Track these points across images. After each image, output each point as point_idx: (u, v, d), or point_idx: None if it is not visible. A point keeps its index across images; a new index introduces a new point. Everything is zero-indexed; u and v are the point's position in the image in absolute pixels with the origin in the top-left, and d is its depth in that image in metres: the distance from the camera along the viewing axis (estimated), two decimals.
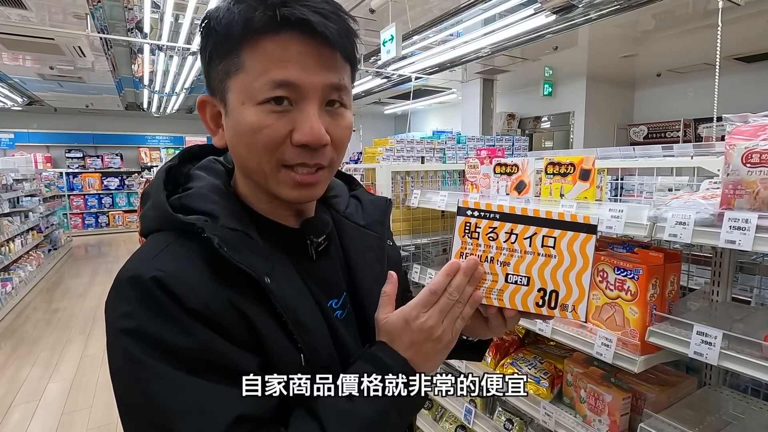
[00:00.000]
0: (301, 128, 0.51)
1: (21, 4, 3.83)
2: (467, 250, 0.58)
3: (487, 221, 0.57)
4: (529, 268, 0.56)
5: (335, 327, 0.59)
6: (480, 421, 1.63)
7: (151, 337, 0.46)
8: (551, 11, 3.48)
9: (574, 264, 0.55)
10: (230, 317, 0.49)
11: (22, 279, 5.37)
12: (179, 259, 0.50)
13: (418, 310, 0.54)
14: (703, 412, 1.11)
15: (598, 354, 1.11)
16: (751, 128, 0.84)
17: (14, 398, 3.07)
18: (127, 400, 0.48)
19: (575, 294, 0.55)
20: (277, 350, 0.52)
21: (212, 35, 0.52)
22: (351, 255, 0.66)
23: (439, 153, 2.14)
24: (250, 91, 0.50)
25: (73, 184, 10.08)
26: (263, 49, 0.50)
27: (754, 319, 1.05)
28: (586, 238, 0.54)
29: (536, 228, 0.56)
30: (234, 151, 0.56)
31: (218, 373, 0.48)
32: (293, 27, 0.49)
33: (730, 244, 0.82)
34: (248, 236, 0.54)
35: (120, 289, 0.49)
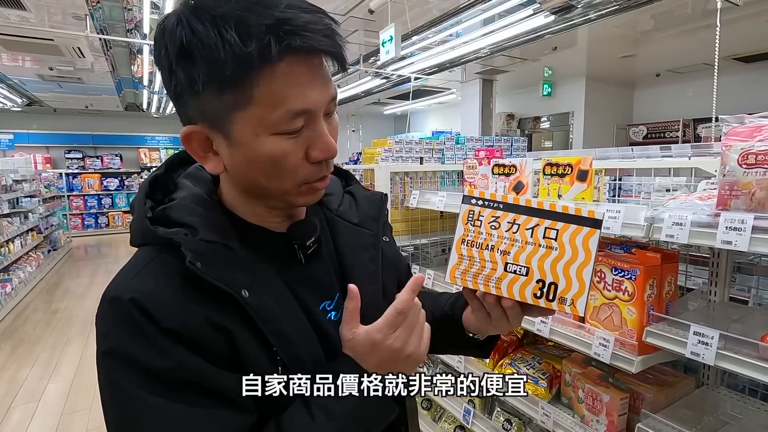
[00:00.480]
0: (317, 146, 0.52)
1: (20, 4, 3.83)
2: (469, 237, 0.58)
3: (491, 210, 0.58)
4: (529, 259, 0.55)
5: (325, 331, 0.59)
6: (479, 422, 1.64)
7: (128, 359, 0.47)
8: (550, 12, 3.48)
9: (575, 257, 0.54)
10: (208, 334, 0.49)
11: (22, 280, 5.38)
12: (157, 277, 0.50)
13: (384, 332, 0.54)
14: (701, 412, 1.12)
15: (595, 354, 1.11)
16: (747, 129, 0.84)
17: (14, 399, 3.07)
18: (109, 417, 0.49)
19: (575, 288, 0.54)
20: (255, 364, 0.52)
21: (200, 64, 0.47)
22: (344, 255, 0.66)
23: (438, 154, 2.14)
24: (266, 124, 0.49)
25: (72, 184, 10.08)
26: (276, 81, 0.48)
27: (751, 319, 1.05)
28: (590, 232, 0.54)
29: (539, 219, 0.55)
30: (244, 177, 0.55)
31: (195, 393, 0.48)
32: (297, 51, 0.47)
33: (726, 244, 0.83)
34: (228, 248, 0.53)
35: (103, 309, 0.50)
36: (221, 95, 0.48)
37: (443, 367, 1.91)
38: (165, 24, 0.49)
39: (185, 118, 0.53)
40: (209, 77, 0.47)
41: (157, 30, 0.51)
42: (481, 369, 1.58)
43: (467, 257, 0.59)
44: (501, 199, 0.58)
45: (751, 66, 5.73)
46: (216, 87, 0.48)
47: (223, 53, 0.45)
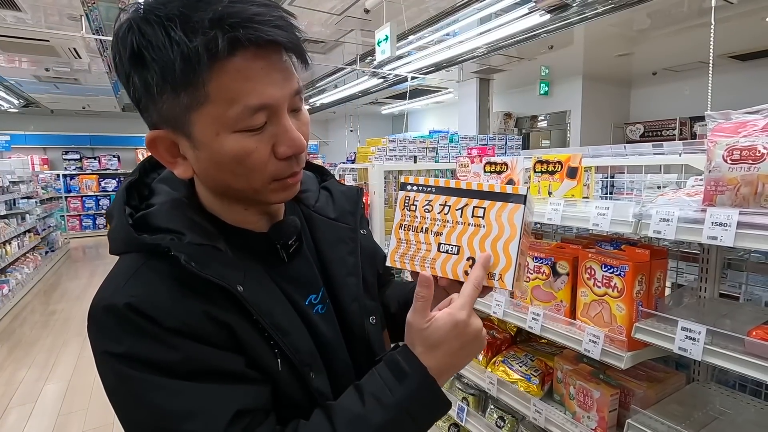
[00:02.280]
0: (284, 142, 0.52)
1: (15, 5, 3.82)
2: (406, 222, 0.61)
3: (424, 194, 0.60)
4: (460, 238, 0.57)
5: (314, 324, 0.60)
6: (472, 419, 1.64)
7: (140, 358, 0.47)
8: (546, 10, 3.49)
9: (501, 233, 0.56)
10: (210, 328, 0.50)
11: (19, 281, 5.37)
12: (149, 282, 0.50)
13: (467, 310, 0.53)
14: (691, 408, 1.12)
15: (586, 351, 1.11)
16: (732, 125, 0.85)
17: (10, 400, 3.07)
18: (128, 415, 0.49)
19: (502, 262, 0.55)
20: (258, 355, 0.52)
21: (152, 66, 0.46)
22: (323, 249, 0.67)
23: (432, 152, 2.14)
24: (225, 121, 0.48)
25: (70, 185, 10.07)
26: (229, 76, 0.47)
27: (740, 314, 1.06)
28: (514, 208, 0.55)
29: (468, 199, 0.58)
30: (212, 178, 0.55)
31: (210, 375, 0.49)
32: (248, 46, 0.46)
33: (712, 240, 0.83)
34: (216, 249, 0.54)
35: (98, 319, 0.49)
36: (177, 96, 0.48)
37: None
38: (117, 31, 0.49)
39: (150, 124, 0.52)
40: (162, 79, 0.46)
41: (113, 38, 0.50)
42: (475, 367, 1.58)
43: (405, 241, 0.61)
44: (433, 183, 0.60)
45: (746, 64, 5.74)
46: (170, 88, 0.47)
47: (172, 53, 0.45)
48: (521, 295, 1.35)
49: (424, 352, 0.53)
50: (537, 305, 1.28)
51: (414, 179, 0.61)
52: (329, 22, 4.46)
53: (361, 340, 0.62)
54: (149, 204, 0.57)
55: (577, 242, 1.30)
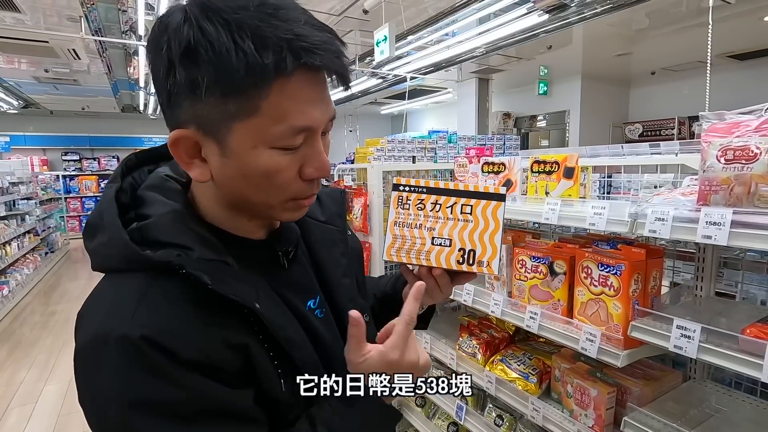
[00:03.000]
0: (312, 164, 0.52)
1: (14, 7, 3.83)
2: (400, 219, 0.67)
3: (416, 194, 0.67)
4: (451, 232, 0.65)
5: (315, 328, 0.60)
6: (471, 418, 1.65)
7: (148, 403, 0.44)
8: (544, 10, 3.50)
9: (487, 227, 0.64)
10: (227, 356, 0.48)
11: (19, 282, 5.37)
12: (163, 307, 0.47)
13: (400, 349, 0.54)
14: (687, 406, 1.13)
15: (583, 349, 1.12)
16: (726, 125, 0.85)
17: (11, 401, 3.08)
18: None
19: (489, 252, 0.64)
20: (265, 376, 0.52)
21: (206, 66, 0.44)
22: (318, 252, 0.68)
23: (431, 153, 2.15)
24: (266, 137, 0.48)
25: (69, 186, 10.07)
26: (284, 96, 0.46)
27: (735, 312, 1.07)
28: (497, 205, 0.65)
29: (456, 198, 0.66)
30: (232, 187, 0.52)
31: (218, 418, 0.47)
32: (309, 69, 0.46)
33: (706, 239, 0.84)
34: (226, 264, 0.52)
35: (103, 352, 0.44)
36: (224, 102, 0.46)
37: (435, 363, 1.92)
38: (168, 20, 0.46)
39: (174, 120, 0.50)
40: (215, 82, 0.45)
41: (158, 25, 0.47)
42: (474, 366, 1.59)
43: (400, 236, 0.67)
44: (424, 184, 0.67)
45: (745, 63, 5.75)
46: (220, 92, 0.46)
47: (236, 60, 0.44)
48: (519, 294, 1.36)
49: None
50: (535, 304, 1.29)
51: (405, 180, 0.68)
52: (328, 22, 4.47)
53: None
54: (141, 215, 0.53)
55: (574, 242, 1.31)
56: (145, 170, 0.61)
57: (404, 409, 2.10)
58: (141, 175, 0.60)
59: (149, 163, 0.62)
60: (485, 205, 0.64)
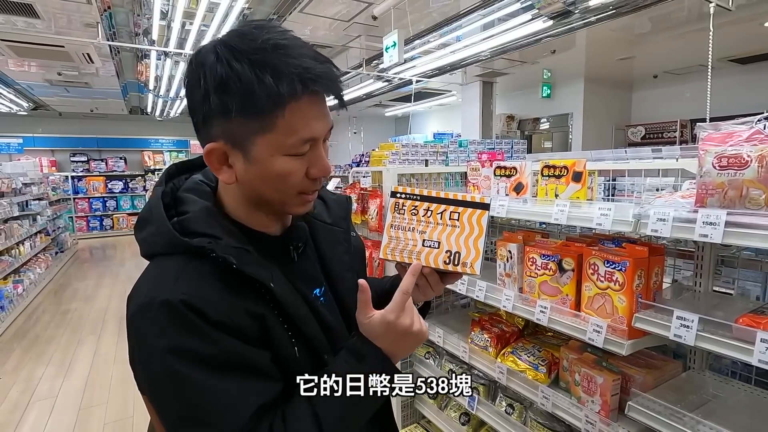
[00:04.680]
0: (317, 166, 0.65)
1: (34, 13, 3.95)
2: (396, 222, 0.75)
3: (411, 201, 0.75)
4: (440, 235, 0.73)
5: (320, 312, 0.71)
6: (483, 408, 1.74)
7: (185, 352, 0.56)
8: (548, 17, 3.59)
9: (472, 232, 0.72)
10: (247, 322, 0.60)
11: (32, 281, 5.48)
12: (198, 280, 0.59)
13: (396, 313, 0.65)
14: (686, 392, 1.22)
15: (590, 340, 1.21)
16: (720, 135, 0.95)
17: (31, 396, 3.17)
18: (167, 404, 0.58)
19: (472, 254, 0.72)
20: (281, 344, 0.63)
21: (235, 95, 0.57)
22: (323, 250, 0.80)
23: (442, 156, 2.24)
24: (281, 147, 0.61)
25: (77, 187, 10.20)
26: (295, 115, 0.59)
27: (730, 306, 1.16)
28: (481, 213, 0.72)
29: (446, 206, 0.74)
30: (252, 187, 0.65)
31: (240, 370, 0.58)
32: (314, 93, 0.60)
33: (703, 237, 0.93)
34: (247, 251, 0.63)
35: (151, 314, 0.57)
36: (248, 121, 0.59)
37: (447, 357, 2.01)
38: (203, 58, 0.60)
39: (207, 135, 0.63)
40: (242, 106, 0.58)
41: (194, 61, 0.61)
42: (486, 358, 1.68)
43: (395, 238, 0.75)
44: (418, 192, 0.75)
45: (746, 67, 5.83)
46: (245, 114, 0.59)
47: (258, 90, 0.57)
48: (529, 290, 1.45)
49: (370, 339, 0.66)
50: (544, 299, 1.39)
51: (403, 189, 0.76)
52: (337, 27, 4.57)
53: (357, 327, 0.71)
54: (181, 211, 0.67)
55: (582, 240, 1.41)
56: (183, 177, 0.75)
57: (417, 400, 2.19)
58: (179, 182, 0.74)
59: (186, 172, 0.77)
60: (471, 213, 0.72)
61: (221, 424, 0.56)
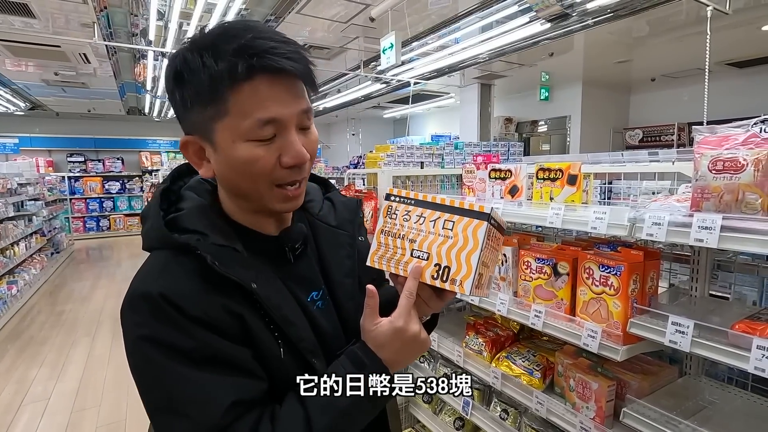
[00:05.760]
0: (288, 153, 0.61)
1: (30, 12, 3.93)
2: (386, 228, 0.68)
3: (404, 205, 0.68)
4: (430, 246, 0.65)
5: (314, 317, 0.69)
6: (477, 413, 1.72)
7: (162, 342, 0.56)
8: (546, 20, 3.59)
9: (465, 245, 0.63)
10: (225, 319, 0.59)
11: (27, 282, 5.45)
12: (178, 276, 0.59)
13: (404, 318, 0.62)
14: (682, 399, 1.20)
15: (585, 345, 1.20)
16: (716, 139, 0.94)
17: (23, 398, 3.14)
18: (146, 392, 0.59)
19: (463, 271, 0.62)
20: (263, 344, 0.61)
21: (188, 84, 0.58)
22: (324, 253, 0.76)
23: (438, 158, 2.23)
24: (239, 131, 0.58)
25: (74, 188, 10.17)
26: (245, 95, 0.57)
27: (726, 311, 1.14)
28: (478, 224, 0.62)
29: (440, 213, 0.65)
30: (226, 179, 0.65)
31: (217, 365, 0.57)
32: (265, 71, 0.57)
33: (698, 242, 0.92)
34: (235, 250, 0.63)
35: (133, 304, 0.58)
36: (204, 109, 0.59)
37: (443, 361, 1.99)
38: (169, 57, 0.61)
39: (184, 131, 0.63)
40: (194, 95, 0.58)
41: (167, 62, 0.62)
42: (480, 363, 1.66)
43: (384, 244, 0.68)
44: (413, 196, 0.68)
45: (744, 71, 5.84)
46: (199, 102, 0.58)
47: (203, 74, 0.56)
48: (524, 293, 1.44)
49: (373, 348, 0.63)
50: (539, 303, 1.37)
51: (398, 191, 0.69)
52: (334, 29, 4.56)
53: (355, 333, 0.68)
54: (178, 208, 0.67)
55: (577, 244, 1.39)
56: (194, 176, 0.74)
57: (411, 405, 2.17)
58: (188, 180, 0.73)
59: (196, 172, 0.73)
60: (467, 223, 0.63)
61: (196, 416, 0.56)
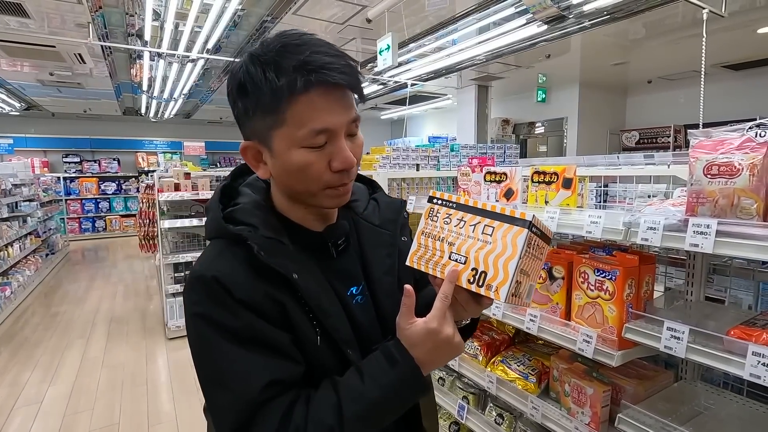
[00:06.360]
0: (338, 158, 0.66)
1: (24, 12, 3.90)
2: (427, 229, 0.70)
3: (446, 208, 0.69)
4: (468, 250, 0.65)
5: (352, 311, 0.73)
6: (473, 417, 1.71)
7: (212, 319, 0.63)
8: (543, 22, 3.59)
9: (504, 251, 0.63)
10: (267, 304, 0.64)
11: (21, 283, 5.40)
12: (230, 262, 0.66)
13: (438, 320, 0.63)
14: (678, 404, 1.20)
15: (580, 350, 1.19)
16: (711, 143, 0.93)
17: (16, 401, 3.10)
18: (199, 364, 0.66)
19: (500, 277, 0.62)
20: (302, 331, 0.66)
21: (251, 96, 0.64)
22: (366, 250, 0.80)
23: (434, 161, 2.22)
24: (295, 139, 0.64)
25: (70, 188, 10.10)
26: (301, 107, 0.62)
27: (722, 316, 1.14)
28: (518, 231, 0.62)
29: (481, 218, 0.66)
30: (282, 181, 0.70)
31: (258, 345, 0.63)
32: (321, 85, 0.62)
33: (693, 247, 0.91)
34: (281, 243, 0.68)
35: (191, 285, 0.66)
36: (264, 118, 0.64)
37: None
38: (232, 69, 0.67)
39: (244, 136, 0.70)
40: (256, 105, 0.64)
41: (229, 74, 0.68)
42: (475, 367, 1.65)
43: (424, 246, 0.69)
44: (455, 200, 0.69)
45: (740, 73, 5.87)
46: (260, 112, 0.64)
47: (265, 88, 0.62)
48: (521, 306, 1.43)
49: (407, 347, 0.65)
50: (534, 307, 1.36)
51: (440, 194, 0.70)
52: (331, 30, 4.55)
53: (392, 330, 0.69)
54: (236, 203, 0.74)
55: (572, 248, 1.38)
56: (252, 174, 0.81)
57: None
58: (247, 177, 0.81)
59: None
60: (506, 230, 0.63)
61: (237, 390, 0.61)
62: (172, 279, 4.16)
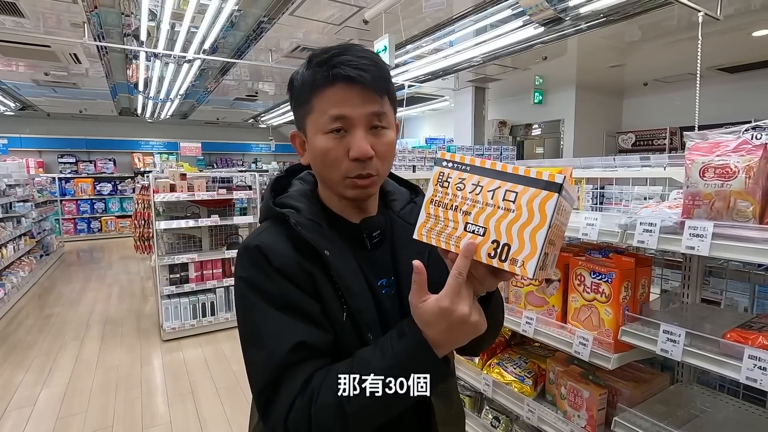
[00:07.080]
0: (353, 147, 0.71)
1: (18, 12, 3.87)
2: (437, 197, 0.61)
3: (458, 172, 0.60)
4: (488, 220, 0.57)
5: (380, 299, 0.77)
6: (469, 420, 1.70)
7: (253, 283, 0.71)
8: (540, 23, 3.60)
9: (531, 220, 0.54)
10: (301, 275, 0.71)
11: (15, 285, 5.36)
12: (273, 236, 0.74)
13: (450, 298, 0.59)
14: (674, 407, 1.19)
15: (576, 353, 1.18)
16: (707, 145, 0.92)
17: (8, 404, 3.07)
18: (241, 323, 0.73)
19: (527, 250, 0.54)
20: (329, 304, 0.72)
21: (295, 90, 0.76)
22: (398, 246, 0.84)
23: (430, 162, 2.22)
24: (318, 125, 0.72)
25: (65, 189, 10.03)
26: (324, 97, 0.71)
27: (718, 318, 1.13)
28: (547, 196, 0.53)
29: (501, 182, 0.56)
30: (314, 167, 0.79)
31: (291, 309, 0.69)
32: (342, 80, 0.70)
33: (689, 249, 0.90)
34: (319, 225, 0.76)
35: (240, 252, 0.75)
36: (301, 108, 0.75)
37: None
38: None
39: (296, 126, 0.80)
40: (296, 98, 0.76)
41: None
42: (471, 369, 1.64)
43: (434, 216, 0.61)
44: (469, 161, 0.60)
45: (735, 76, 5.90)
46: (299, 104, 0.75)
47: (299, 82, 0.75)
48: (515, 300, 1.42)
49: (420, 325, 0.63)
50: (530, 310, 1.35)
51: (451, 155, 0.62)
52: (328, 31, 4.54)
53: None
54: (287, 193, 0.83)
55: (568, 250, 1.38)
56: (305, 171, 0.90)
57: None
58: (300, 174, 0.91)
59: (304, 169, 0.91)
60: (533, 194, 0.53)
61: (271, 347, 0.68)
62: (168, 280, 4.13)
